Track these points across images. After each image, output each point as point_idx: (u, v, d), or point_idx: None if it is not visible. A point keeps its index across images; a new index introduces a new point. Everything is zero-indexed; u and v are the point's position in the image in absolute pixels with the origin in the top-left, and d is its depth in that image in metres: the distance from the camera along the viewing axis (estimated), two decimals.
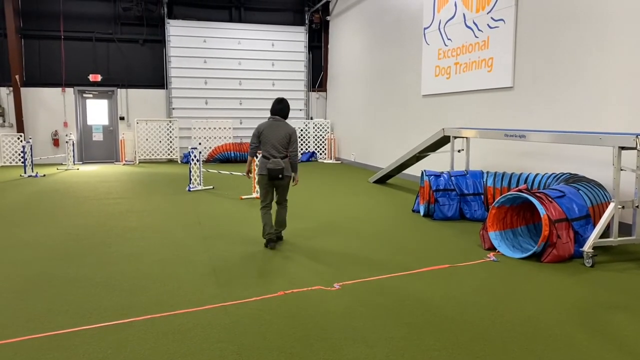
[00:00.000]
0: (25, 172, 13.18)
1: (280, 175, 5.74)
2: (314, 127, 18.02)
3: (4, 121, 16.16)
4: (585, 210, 5.64)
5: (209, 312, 3.97)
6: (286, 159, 5.86)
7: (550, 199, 5.52)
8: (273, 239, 5.95)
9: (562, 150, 7.67)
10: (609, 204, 5.57)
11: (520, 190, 5.72)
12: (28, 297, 4.34)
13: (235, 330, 3.63)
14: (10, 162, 15.94)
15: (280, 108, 5.94)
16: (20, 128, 16.03)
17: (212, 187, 10.92)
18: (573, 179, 6.46)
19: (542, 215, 5.35)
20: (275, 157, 5.76)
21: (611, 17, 6.85)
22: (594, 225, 5.57)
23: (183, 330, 3.63)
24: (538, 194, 5.58)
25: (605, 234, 5.71)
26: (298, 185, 11.30)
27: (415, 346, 3.40)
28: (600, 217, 5.70)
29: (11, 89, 15.94)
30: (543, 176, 7.17)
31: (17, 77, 15.69)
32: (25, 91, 16.20)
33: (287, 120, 6.03)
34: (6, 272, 5.05)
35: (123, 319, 3.83)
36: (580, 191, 5.83)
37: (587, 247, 5.30)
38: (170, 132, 17.25)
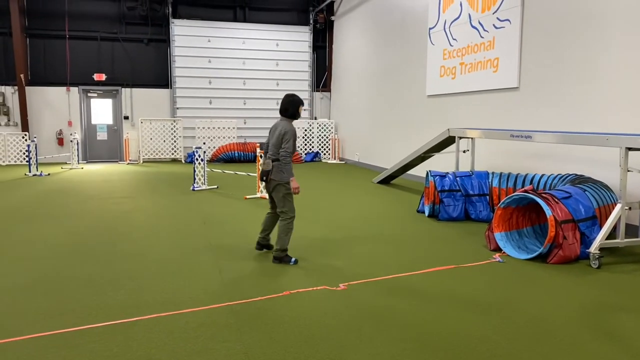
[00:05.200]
0: (29, 171, 13.21)
1: (264, 178, 5.29)
2: (317, 127, 18.01)
3: (9, 120, 16.21)
4: (592, 211, 5.61)
5: (215, 311, 3.97)
6: (277, 162, 5.22)
7: (556, 200, 5.50)
8: (261, 243, 5.70)
9: (568, 151, 7.64)
10: (616, 205, 5.54)
11: (526, 191, 5.70)
12: (34, 295, 4.35)
13: (241, 330, 3.62)
14: (15, 161, 15.98)
15: (283, 107, 5.33)
16: (25, 127, 16.07)
17: (216, 186, 10.92)
18: (579, 180, 6.43)
19: (548, 216, 5.33)
20: (267, 158, 5.34)
21: (617, 16, 6.82)
22: (601, 227, 5.55)
23: (189, 330, 3.62)
24: (544, 195, 5.56)
25: (612, 235, 5.69)
26: (302, 185, 11.27)
27: (421, 348, 3.38)
28: (606, 218, 5.67)
29: (16, 88, 15.99)
30: (549, 177, 7.14)
31: (22, 76, 15.73)
32: (30, 90, 16.24)
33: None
34: (12, 270, 5.06)
35: (129, 318, 3.83)
36: (586, 192, 5.81)
37: (593, 249, 5.27)
38: (175, 131, 17.27)
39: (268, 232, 5.67)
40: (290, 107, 5.30)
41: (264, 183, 5.47)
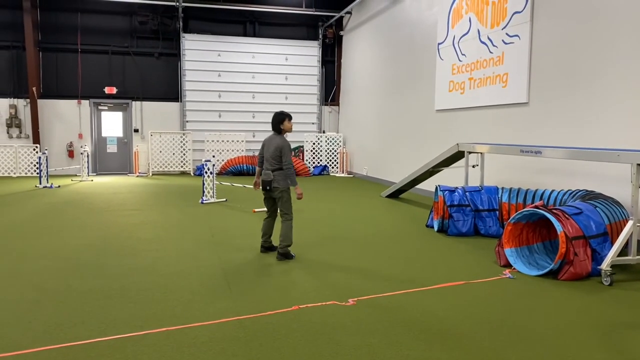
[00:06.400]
0: (40, 183, 13.32)
1: (267, 187, 6.05)
2: (326, 141, 18.05)
3: (21, 132, 16.38)
4: (603, 227, 5.57)
5: (224, 326, 3.96)
6: (277, 172, 6.00)
7: (567, 216, 5.47)
8: (265, 246, 6.38)
9: (579, 167, 7.61)
10: (627, 221, 5.50)
11: (536, 207, 5.67)
12: (43, 308, 4.36)
13: (250, 344, 3.61)
14: (26, 173, 16.12)
15: (272, 123, 6.20)
16: (36, 139, 16.23)
17: (225, 199, 10.95)
18: (590, 196, 6.40)
19: (559, 232, 5.30)
20: (267, 169, 6.07)
21: (628, 32, 6.82)
22: (612, 243, 5.50)
23: (198, 344, 3.62)
24: (555, 211, 5.53)
25: (624, 252, 5.63)
26: (311, 198, 11.30)
27: None
28: (618, 234, 5.62)
29: (28, 100, 16.18)
30: (559, 193, 7.11)
31: (34, 89, 15.92)
32: (41, 103, 16.42)
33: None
34: (22, 282, 5.08)
35: (138, 331, 3.83)
36: (597, 208, 5.77)
37: (604, 265, 5.22)
38: (184, 144, 17.37)
39: (269, 235, 6.38)
40: (275, 123, 6.15)
41: (264, 191, 6.19)
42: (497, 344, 3.69)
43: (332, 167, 18.09)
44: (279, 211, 6.18)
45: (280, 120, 6.13)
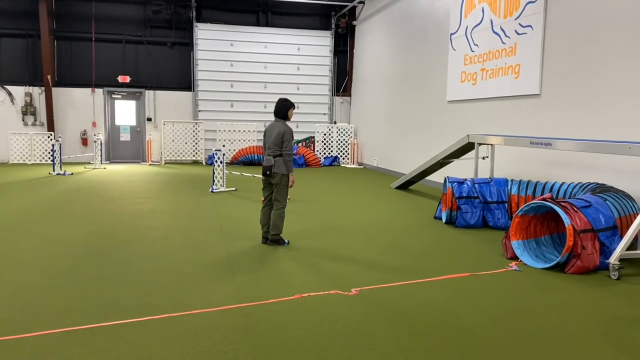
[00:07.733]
0: (54, 170, 13.47)
1: (267, 172, 6.08)
2: (337, 132, 18.00)
3: (36, 120, 16.56)
4: (612, 221, 5.49)
5: (226, 313, 3.99)
6: (279, 157, 6.04)
7: (575, 209, 5.40)
8: (266, 237, 6.28)
9: (590, 160, 7.50)
10: (638, 215, 5.42)
11: (544, 199, 5.60)
12: (49, 292, 4.42)
13: (250, 332, 3.63)
14: (40, 160, 16.31)
15: (277, 110, 6.17)
16: (50, 127, 16.40)
17: (234, 188, 10.98)
18: (600, 189, 6.31)
19: (566, 225, 5.24)
20: (268, 155, 6.10)
21: None
22: (621, 237, 5.43)
23: (199, 331, 3.65)
24: (563, 203, 5.47)
25: (633, 246, 5.55)
26: (320, 189, 11.30)
27: (433, 356, 3.35)
28: (627, 228, 5.53)
29: (43, 88, 16.33)
30: (569, 185, 7.02)
31: (49, 77, 16.06)
32: (56, 91, 16.57)
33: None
34: (29, 267, 5.16)
35: (141, 317, 3.87)
36: (607, 201, 5.69)
37: (613, 259, 5.16)
38: (196, 133, 17.44)
39: (269, 226, 6.26)
40: (282, 110, 6.14)
41: (264, 177, 6.19)
42: (499, 336, 3.67)
43: (343, 158, 18.05)
44: (272, 198, 6.19)
45: (288, 107, 6.17)
